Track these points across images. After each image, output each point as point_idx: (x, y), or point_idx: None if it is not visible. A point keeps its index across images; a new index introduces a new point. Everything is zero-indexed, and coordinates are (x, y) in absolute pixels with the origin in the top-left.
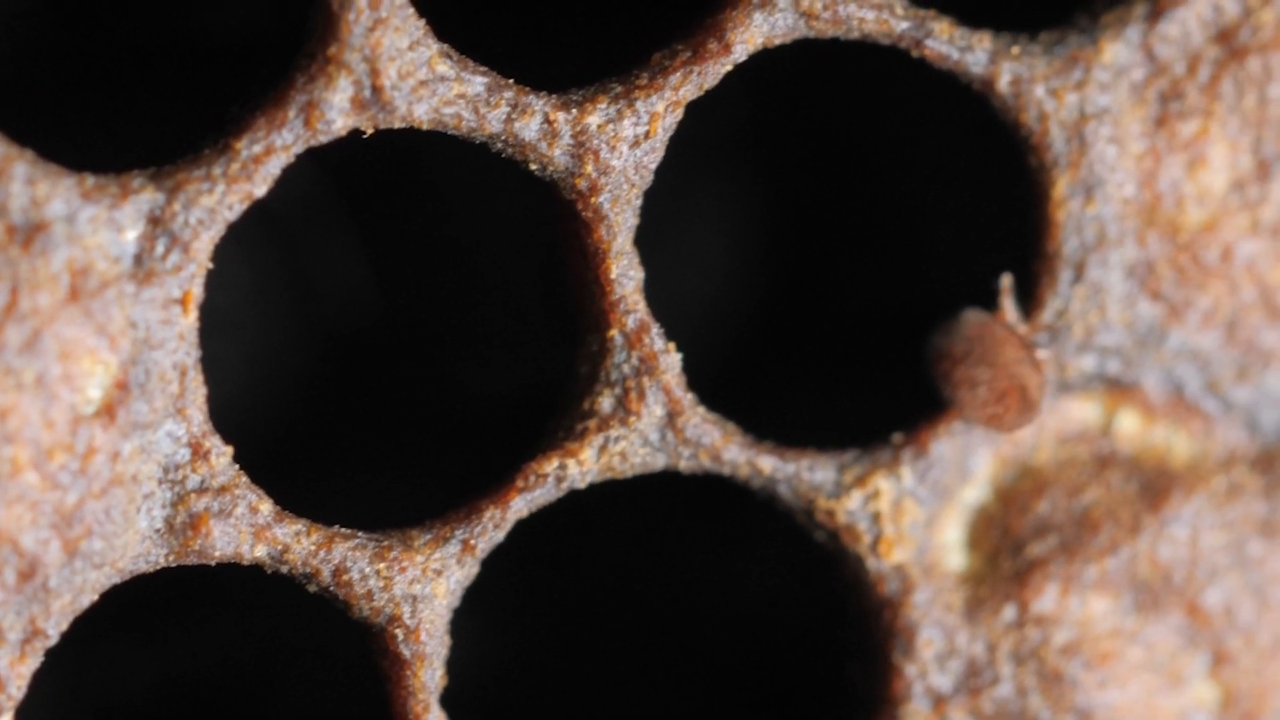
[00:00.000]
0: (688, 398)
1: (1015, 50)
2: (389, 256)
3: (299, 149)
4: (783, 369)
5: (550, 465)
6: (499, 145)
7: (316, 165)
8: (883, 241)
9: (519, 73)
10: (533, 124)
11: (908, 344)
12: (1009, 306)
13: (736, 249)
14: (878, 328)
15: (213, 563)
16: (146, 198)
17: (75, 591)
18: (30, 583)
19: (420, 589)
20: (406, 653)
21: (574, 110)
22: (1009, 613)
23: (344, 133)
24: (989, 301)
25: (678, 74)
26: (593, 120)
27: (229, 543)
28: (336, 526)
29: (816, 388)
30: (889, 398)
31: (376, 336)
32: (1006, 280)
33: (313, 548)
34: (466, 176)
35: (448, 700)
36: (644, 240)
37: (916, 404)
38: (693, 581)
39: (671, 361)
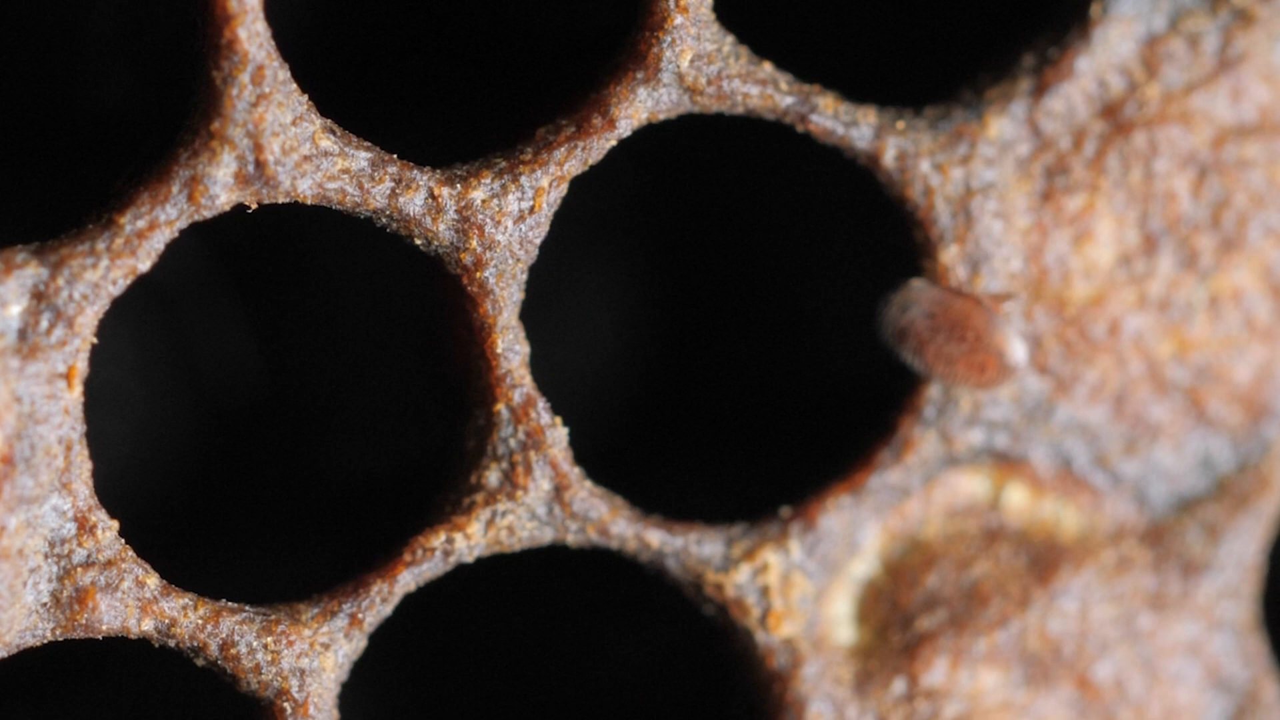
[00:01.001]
0: (575, 472)
1: (900, 125)
2: (274, 332)
3: (183, 224)
4: (671, 443)
5: (437, 539)
6: (383, 220)
7: (201, 240)
8: (770, 315)
9: (410, 149)
10: (417, 199)
11: (796, 418)
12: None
13: (623, 323)
14: (766, 401)
15: (100, 636)
16: (30, 272)
17: None
18: None
19: (308, 663)
20: None
21: (458, 185)
22: (899, 686)
23: (228, 208)
24: (882, 376)
25: (562, 149)
26: (477, 195)
27: (116, 616)
28: (224, 600)
29: (705, 462)
30: (777, 472)
31: (263, 411)
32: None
33: (200, 621)
34: (351, 252)
35: None
36: (530, 315)
37: (805, 478)
38: (583, 654)
39: (558, 436)
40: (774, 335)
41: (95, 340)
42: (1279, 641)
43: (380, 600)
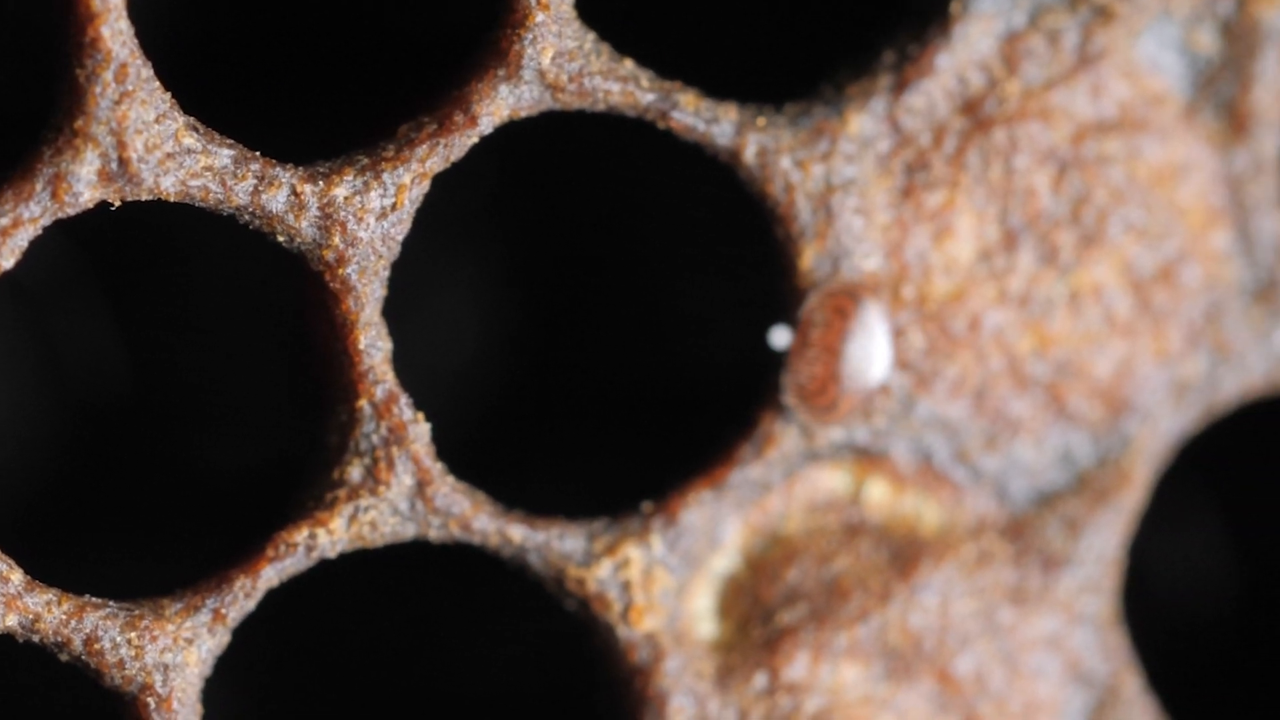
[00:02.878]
0: (437, 467)
1: (761, 122)
2: (139, 329)
3: (46, 221)
4: (534, 437)
5: (300, 535)
6: (246, 217)
7: (65, 238)
8: (634, 311)
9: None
10: (279, 196)
11: (658, 412)
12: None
13: (486, 319)
14: (629, 397)
15: None
16: None
17: None
18: None
19: (172, 658)
20: None
21: (321, 182)
22: (760, 680)
23: (91, 205)
24: (744, 370)
25: (424, 146)
26: (340, 192)
27: None
28: (88, 596)
29: (569, 457)
30: (641, 467)
31: (129, 408)
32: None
33: (64, 617)
34: (215, 249)
35: None
36: (393, 311)
37: (667, 472)
38: (449, 647)
39: (420, 431)
40: (637, 331)
41: None
42: (1139, 635)
43: (244, 595)
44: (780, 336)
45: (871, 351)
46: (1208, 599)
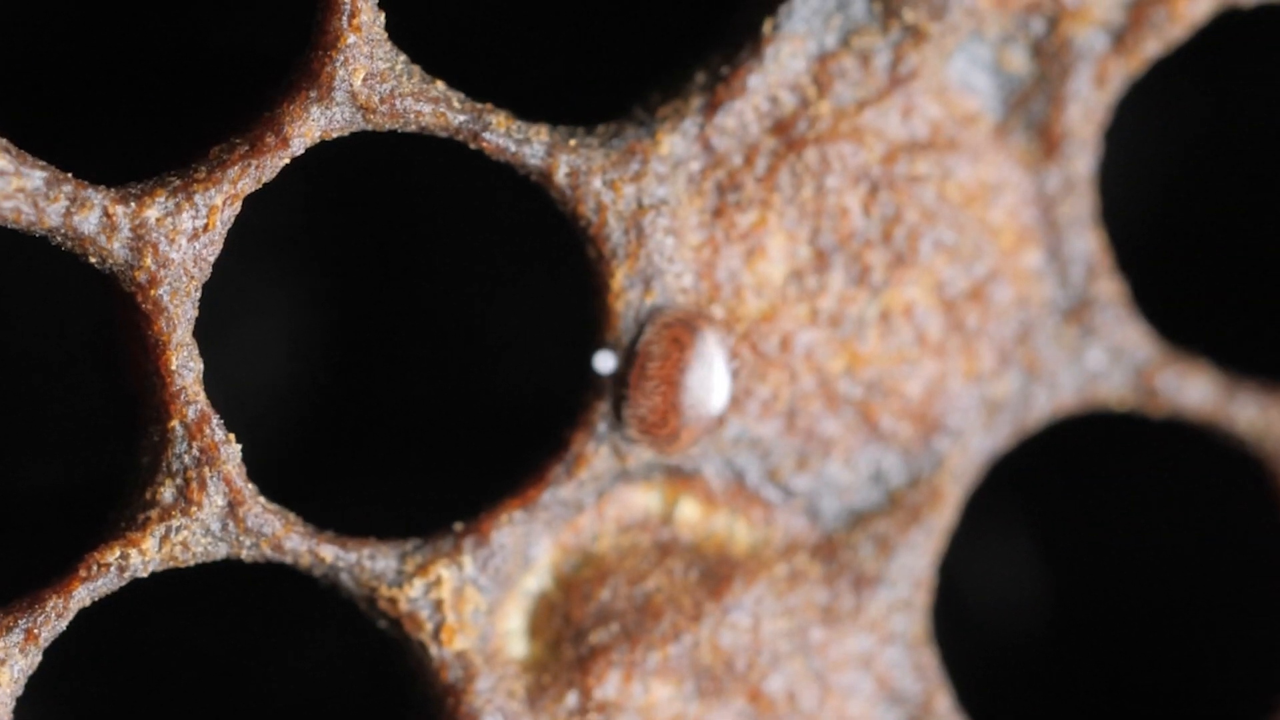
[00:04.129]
0: (249, 488)
1: (573, 142)
2: None
3: None
4: (348, 457)
5: (112, 555)
6: (59, 238)
7: None
8: (447, 331)
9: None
10: (91, 217)
11: (473, 432)
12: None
13: (299, 340)
14: (445, 416)
15: None
16: None
17: None
18: None
19: None
20: None
21: (133, 204)
22: (571, 699)
23: None
24: (556, 390)
25: (236, 167)
26: (151, 214)
27: None
28: None
29: (382, 476)
30: (451, 486)
31: None
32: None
33: None
34: (28, 269)
35: None
36: (205, 332)
37: (478, 492)
38: (264, 667)
39: (232, 452)
40: (453, 351)
41: None
42: (951, 653)
43: (55, 615)
44: (604, 361)
45: (711, 381)
46: (1020, 617)
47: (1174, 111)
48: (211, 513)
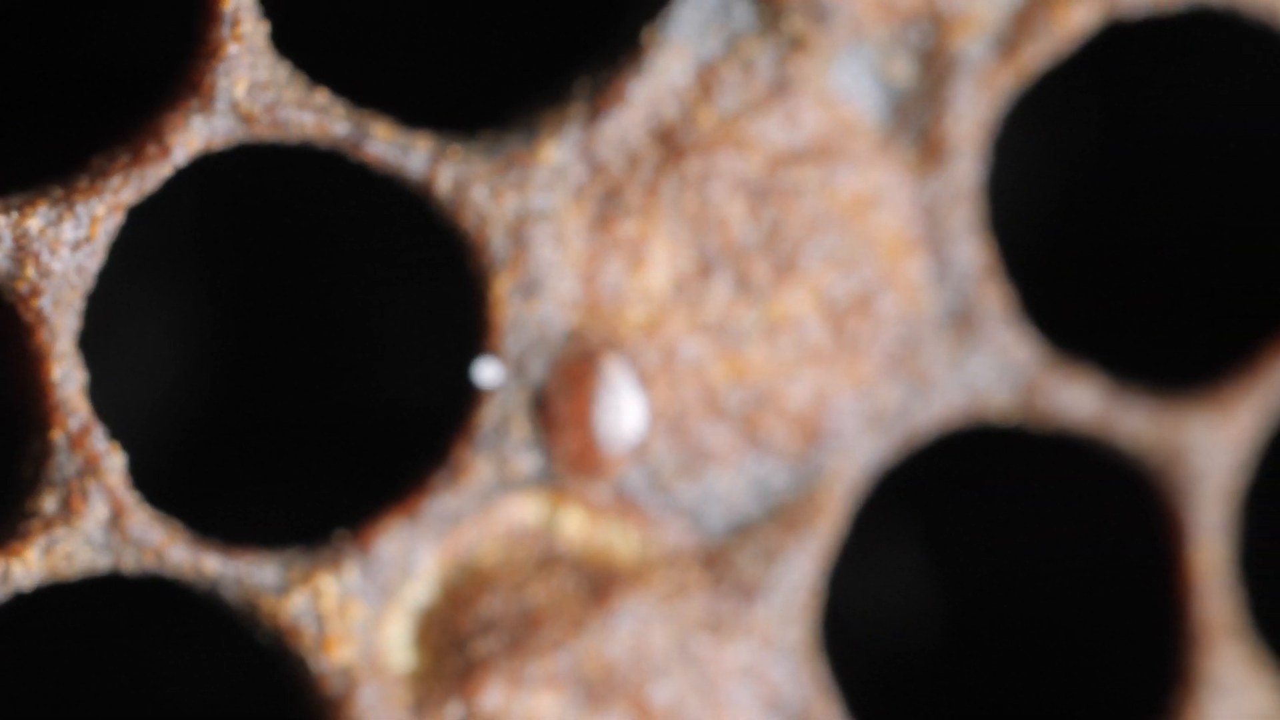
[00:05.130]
0: (131, 498)
1: (455, 151)
2: None
3: None
4: (232, 467)
5: None
6: None
7: None
8: (334, 340)
9: None
10: None
11: (355, 443)
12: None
13: (184, 350)
14: (330, 426)
15: None
16: None
17: None
18: None
19: None
20: None
21: (14, 214)
22: (455, 710)
23: None
24: (441, 401)
25: (118, 177)
26: (33, 224)
27: None
28: None
29: (268, 486)
30: (335, 496)
31: None
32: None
33: None
34: None
35: None
36: (89, 343)
37: (362, 502)
38: (148, 678)
39: (115, 463)
40: (335, 361)
41: None
42: (840, 664)
43: None
44: (486, 373)
45: (621, 407)
46: (910, 628)
47: (1062, 122)
48: (94, 523)
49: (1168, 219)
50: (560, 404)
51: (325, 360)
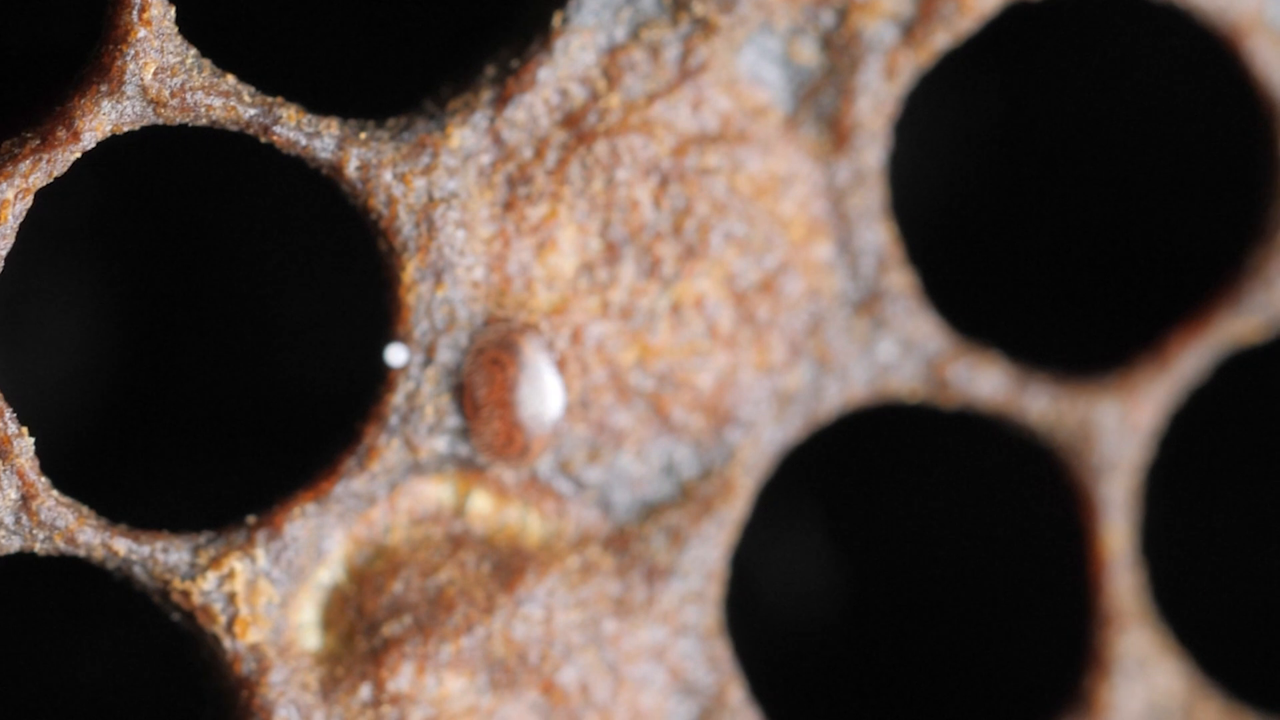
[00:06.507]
0: (42, 481)
1: (363, 136)
2: None
3: None
4: (142, 450)
5: None
6: None
7: None
8: (242, 323)
9: None
10: None
11: (264, 425)
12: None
13: (93, 332)
14: (239, 408)
15: None
16: None
17: None
18: None
19: None
20: None
21: None
22: (365, 692)
23: None
24: (349, 382)
25: (27, 161)
26: None
27: None
28: None
29: (178, 468)
30: (244, 478)
31: None
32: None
33: None
34: None
35: None
36: None
37: (271, 485)
38: (58, 660)
39: (25, 445)
40: (244, 343)
41: None
42: (745, 645)
43: None
44: (396, 355)
45: (542, 389)
46: (814, 608)
47: (965, 104)
48: (4, 506)
49: (1073, 203)
50: (480, 388)
51: (234, 344)
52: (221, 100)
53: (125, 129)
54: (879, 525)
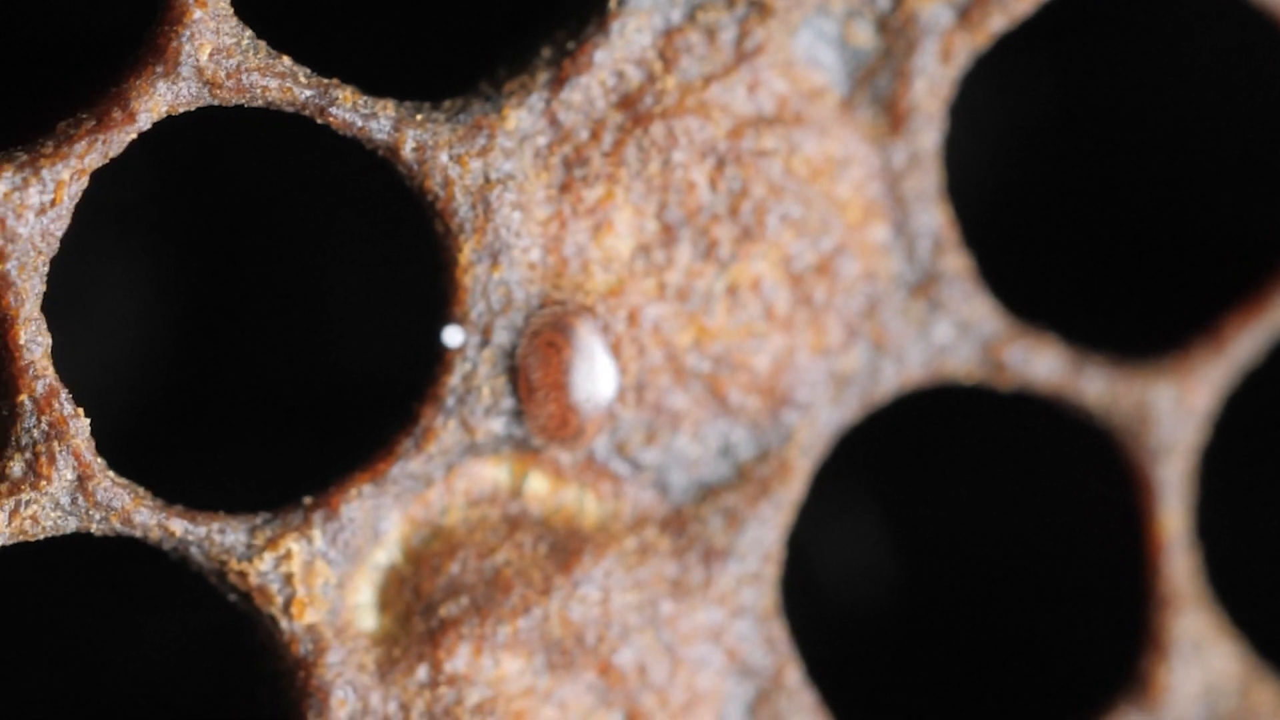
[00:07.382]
0: (98, 462)
1: (419, 117)
2: None
3: None
4: (197, 432)
5: None
6: None
7: None
8: (300, 305)
9: None
10: None
11: (321, 407)
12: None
13: (149, 314)
14: (294, 390)
15: None
16: None
17: None
18: None
19: None
20: None
21: None
22: (422, 673)
23: None
24: (405, 365)
25: (83, 142)
26: None
27: None
28: None
29: (235, 450)
30: (301, 460)
31: None
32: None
33: None
34: None
35: None
36: (54, 307)
37: (328, 466)
38: (117, 639)
39: (81, 426)
40: (301, 325)
41: None
42: (801, 626)
43: None
44: (453, 336)
45: (596, 372)
46: (869, 590)
47: (1020, 87)
48: (61, 486)
49: (1129, 185)
50: (535, 370)
51: (291, 326)
52: (277, 81)
53: (181, 110)
54: (934, 507)
